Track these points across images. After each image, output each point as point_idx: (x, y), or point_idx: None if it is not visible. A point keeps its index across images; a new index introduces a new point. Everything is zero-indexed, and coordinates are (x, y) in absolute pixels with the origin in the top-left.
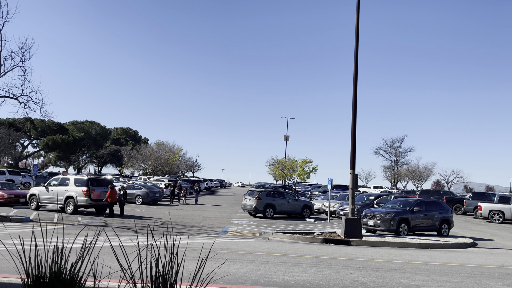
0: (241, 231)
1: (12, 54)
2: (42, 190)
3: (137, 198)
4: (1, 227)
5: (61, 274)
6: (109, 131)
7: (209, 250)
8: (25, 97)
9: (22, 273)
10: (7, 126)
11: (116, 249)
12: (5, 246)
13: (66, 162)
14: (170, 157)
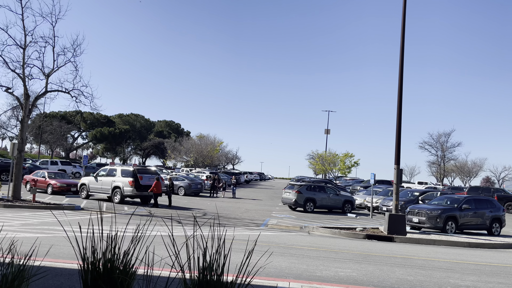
0: (282, 224)
1: (65, 50)
2: (92, 180)
3: (180, 189)
4: (55, 214)
5: (115, 261)
6: (153, 123)
7: (255, 242)
8: (76, 91)
9: (78, 259)
10: (59, 118)
11: (164, 239)
12: (66, 232)
13: (113, 153)
14: (211, 149)
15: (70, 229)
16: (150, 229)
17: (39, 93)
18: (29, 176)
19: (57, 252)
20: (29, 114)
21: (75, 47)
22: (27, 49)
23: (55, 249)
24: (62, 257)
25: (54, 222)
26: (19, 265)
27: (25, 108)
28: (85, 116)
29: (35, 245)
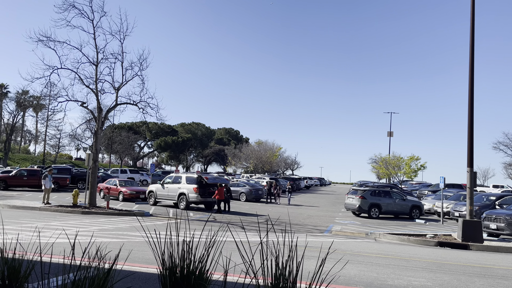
0: (346, 231)
1: (132, 64)
2: (159, 187)
3: (241, 195)
4: (127, 220)
5: (191, 266)
6: (213, 131)
7: (328, 250)
8: (143, 103)
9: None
10: (127, 129)
11: (234, 245)
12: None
13: (176, 161)
14: (270, 155)
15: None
16: (219, 235)
17: (110, 106)
18: (103, 184)
19: (132, 257)
20: (102, 126)
21: (141, 61)
22: (99, 65)
23: (130, 254)
24: (138, 262)
25: (127, 228)
26: (104, 268)
27: (98, 120)
28: (150, 126)
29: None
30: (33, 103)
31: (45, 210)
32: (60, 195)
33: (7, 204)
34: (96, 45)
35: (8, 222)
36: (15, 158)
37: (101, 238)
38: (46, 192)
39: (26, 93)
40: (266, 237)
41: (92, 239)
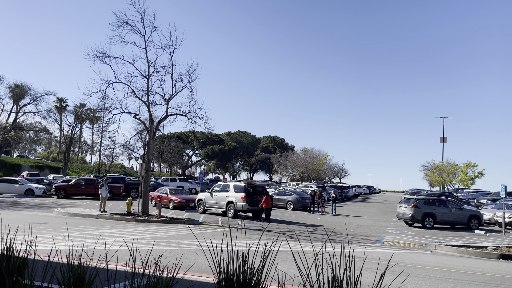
0: (399, 241)
1: (181, 76)
2: (207, 195)
3: (288, 204)
4: (178, 228)
5: (246, 277)
6: (258, 140)
7: (387, 263)
8: (192, 114)
9: (206, 272)
10: (175, 139)
11: (284, 254)
12: (200, 246)
13: (223, 169)
14: (317, 163)
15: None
16: (270, 244)
17: (161, 117)
18: (154, 193)
19: (185, 265)
20: (153, 136)
21: (190, 73)
22: (150, 78)
23: (183, 262)
24: (192, 270)
25: (178, 236)
26: (163, 277)
27: (150, 131)
28: (198, 135)
29: (166, 258)
30: (90, 116)
31: (101, 218)
32: (115, 203)
33: (67, 212)
34: (148, 59)
35: (69, 229)
36: (73, 167)
37: (155, 246)
38: (102, 200)
39: (83, 106)
40: (322, 247)
41: (147, 247)
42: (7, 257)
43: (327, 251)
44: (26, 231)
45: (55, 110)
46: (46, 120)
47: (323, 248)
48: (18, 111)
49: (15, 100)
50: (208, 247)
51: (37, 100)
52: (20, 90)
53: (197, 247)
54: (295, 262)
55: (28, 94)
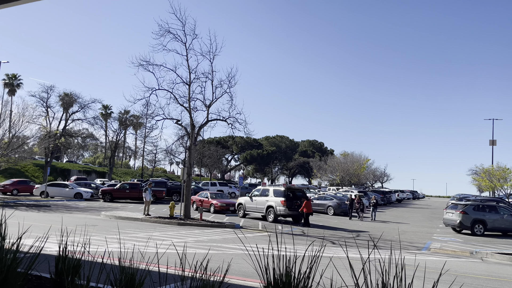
0: (447, 249)
1: (221, 82)
2: (247, 200)
3: (328, 209)
4: (219, 232)
5: (293, 283)
6: (297, 144)
7: (440, 271)
8: (232, 119)
9: (250, 276)
10: (215, 144)
11: (327, 260)
12: (246, 250)
13: (261, 173)
14: (358, 167)
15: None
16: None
17: (202, 123)
18: (195, 197)
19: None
20: (195, 141)
21: (229, 79)
22: (191, 85)
23: (226, 266)
24: (235, 274)
25: (220, 240)
26: (210, 280)
27: (192, 136)
28: (237, 140)
29: (210, 261)
30: (133, 122)
31: (146, 221)
32: (158, 207)
33: (114, 215)
34: (189, 66)
35: (116, 232)
36: (117, 172)
37: (198, 249)
38: (146, 204)
39: (127, 112)
40: (371, 253)
41: (191, 250)
42: (63, 258)
43: (374, 258)
44: (78, 233)
45: (101, 117)
46: (92, 126)
47: (370, 254)
48: (68, 118)
49: (64, 108)
50: (253, 251)
51: (84, 107)
52: (69, 99)
53: (239, 251)
54: (336, 268)
55: (77, 102)
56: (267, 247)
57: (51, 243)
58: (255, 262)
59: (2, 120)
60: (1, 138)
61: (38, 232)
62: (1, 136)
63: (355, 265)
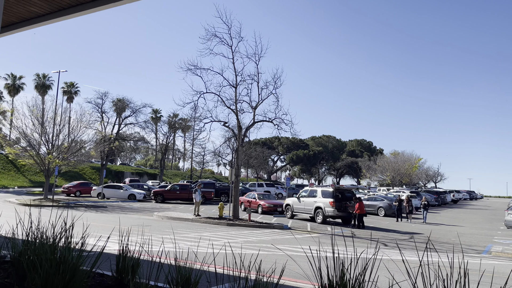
0: (509, 252)
1: (267, 83)
2: (295, 201)
3: (379, 210)
4: (267, 233)
5: (348, 285)
6: (344, 143)
7: (508, 276)
8: (278, 120)
9: (301, 277)
10: (261, 145)
11: (381, 263)
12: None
13: (308, 174)
14: (409, 167)
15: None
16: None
17: (248, 124)
18: (243, 198)
19: (279, 270)
20: (242, 143)
21: (275, 80)
22: (238, 87)
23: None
24: (287, 275)
25: (269, 240)
26: (262, 281)
27: (239, 138)
28: (282, 141)
29: (261, 262)
30: (182, 125)
31: (196, 221)
32: (207, 208)
33: (166, 216)
34: (235, 68)
35: (169, 232)
36: (168, 174)
37: (248, 249)
38: (196, 205)
39: (176, 116)
40: (427, 256)
41: (242, 251)
42: (123, 257)
43: (431, 261)
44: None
45: (151, 121)
46: (144, 130)
47: (425, 257)
48: (121, 123)
49: (118, 113)
50: (304, 252)
51: (136, 112)
52: (122, 104)
53: (288, 252)
54: (389, 272)
55: (129, 107)
56: (317, 249)
57: (111, 242)
58: (307, 263)
59: (62, 126)
60: (61, 143)
61: (98, 232)
62: (62, 141)
63: (411, 269)
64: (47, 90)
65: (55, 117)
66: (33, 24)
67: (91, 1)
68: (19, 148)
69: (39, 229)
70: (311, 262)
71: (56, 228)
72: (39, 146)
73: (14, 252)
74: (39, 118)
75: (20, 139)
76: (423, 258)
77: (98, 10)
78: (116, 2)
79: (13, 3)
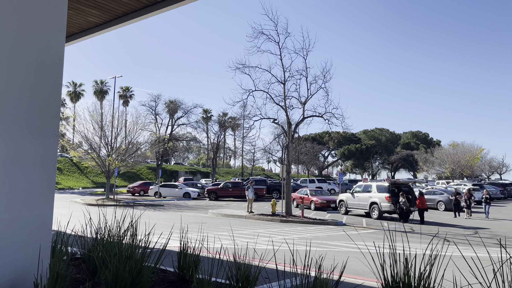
0: None
1: (316, 78)
2: (349, 196)
3: (439, 204)
4: (322, 229)
5: (413, 283)
6: (398, 136)
7: None
8: (328, 114)
9: (361, 274)
10: (311, 140)
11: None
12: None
13: (361, 169)
14: (470, 158)
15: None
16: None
17: (298, 120)
18: (295, 194)
19: (338, 267)
20: (292, 139)
21: (324, 74)
22: (286, 83)
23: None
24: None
25: (324, 237)
26: (322, 278)
27: (289, 134)
28: (333, 135)
29: (318, 258)
30: (232, 123)
31: (249, 218)
32: (259, 205)
33: (220, 213)
34: (283, 65)
35: (224, 228)
36: (220, 172)
37: (302, 246)
38: (249, 202)
39: (225, 115)
40: (498, 253)
41: (297, 247)
42: (184, 254)
43: (501, 258)
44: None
45: (202, 121)
46: (195, 130)
47: (499, 254)
48: (173, 123)
49: (170, 115)
50: (360, 249)
51: (187, 113)
52: (174, 105)
53: (345, 249)
54: (458, 268)
55: (180, 108)
56: (375, 245)
57: (171, 239)
58: (366, 260)
59: (119, 129)
60: (119, 145)
61: (158, 230)
62: (120, 143)
63: (480, 266)
64: (104, 95)
65: (113, 120)
66: (92, 34)
67: (142, 8)
68: (82, 151)
69: (106, 228)
70: (373, 259)
71: (121, 226)
72: (100, 148)
73: (85, 249)
74: (99, 122)
75: (82, 142)
76: (493, 255)
77: (149, 16)
78: (164, 8)
79: (72, 15)
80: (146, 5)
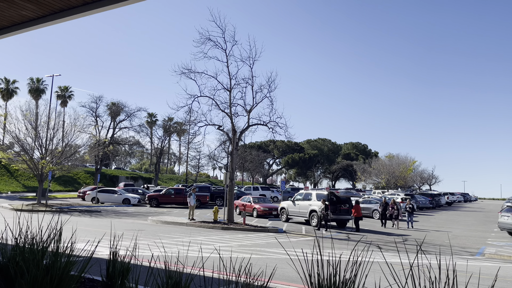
0: (503, 254)
1: (261, 87)
2: (290, 204)
3: (374, 213)
4: (262, 236)
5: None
6: (339, 146)
7: (494, 279)
8: (273, 123)
9: (293, 281)
10: (256, 148)
11: (373, 265)
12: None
13: (303, 177)
14: (404, 169)
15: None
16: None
17: (243, 128)
18: (238, 201)
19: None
20: (236, 146)
21: (270, 83)
22: (232, 91)
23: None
24: (279, 279)
25: (263, 244)
26: (255, 285)
27: (233, 141)
28: (278, 144)
29: (253, 266)
30: (177, 129)
31: (190, 226)
32: (202, 212)
33: (160, 220)
34: (229, 72)
35: (163, 236)
36: (163, 178)
37: (241, 253)
38: (191, 209)
39: (171, 120)
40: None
41: (235, 255)
42: (113, 262)
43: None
44: (126, 238)
45: (146, 125)
46: (139, 134)
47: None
48: (115, 127)
49: (112, 117)
50: (297, 256)
51: (131, 116)
52: (117, 108)
53: (282, 256)
54: (384, 273)
55: (123, 111)
56: (310, 252)
57: (102, 247)
58: (298, 267)
59: (56, 130)
60: (55, 147)
61: (90, 237)
62: (55, 146)
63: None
64: (41, 94)
65: (48, 121)
66: (25, 28)
67: (83, 5)
68: (12, 153)
69: (29, 234)
70: (302, 266)
71: (46, 232)
72: (33, 150)
73: (3, 257)
74: (33, 122)
75: (14, 143)
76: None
77: (90, 14)
78: (107, 6)
79: (4, 7)
80: (86, 2)
